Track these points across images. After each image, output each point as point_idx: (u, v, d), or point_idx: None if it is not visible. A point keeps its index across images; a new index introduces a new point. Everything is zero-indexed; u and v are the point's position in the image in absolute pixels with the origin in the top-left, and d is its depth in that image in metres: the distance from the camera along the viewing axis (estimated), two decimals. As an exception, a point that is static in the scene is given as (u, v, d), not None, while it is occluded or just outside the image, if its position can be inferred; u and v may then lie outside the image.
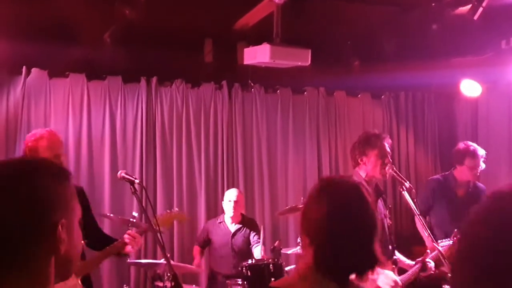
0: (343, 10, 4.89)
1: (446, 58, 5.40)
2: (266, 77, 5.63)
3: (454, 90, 5.74)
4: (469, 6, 3.92)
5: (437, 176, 4.77)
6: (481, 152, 4.39)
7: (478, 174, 4.42)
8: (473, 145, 4.47)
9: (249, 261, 4.42)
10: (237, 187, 5.51)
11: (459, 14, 4.28)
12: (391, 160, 3.49)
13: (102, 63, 5.32)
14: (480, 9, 3.77)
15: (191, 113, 5.69)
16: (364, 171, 3.41)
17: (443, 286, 3.50)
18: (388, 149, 3.47)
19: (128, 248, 3.38)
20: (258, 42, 4.54)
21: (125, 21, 4.78)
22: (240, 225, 5.01)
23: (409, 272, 3.51)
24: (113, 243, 3.41)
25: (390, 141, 3.54)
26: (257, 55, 4.51)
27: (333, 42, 5.48)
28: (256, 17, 4.86)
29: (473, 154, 4.37)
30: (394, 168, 3.50)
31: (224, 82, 5.80)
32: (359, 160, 3.41)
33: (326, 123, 6.10)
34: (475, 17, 3.82)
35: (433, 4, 4.36)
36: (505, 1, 4.09)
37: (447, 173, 4.63)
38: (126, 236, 3.37)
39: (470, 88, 5.49)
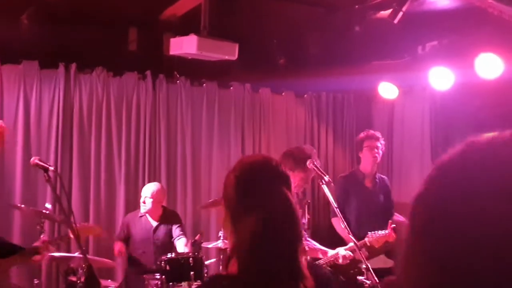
0: (271, 7, 4.94)
1: (366, 61, 5.60)
2: (192, 70, 5.57)
3: (372, 92, 5.97)
4: (390, 10, 4.09)
5: (344, 173, 4.98)
6: (379, 136, 4.62)
7: (378, 157, 4.59)
8: (371, 131, 4.72)
9: (169, 255, 4.35)
10: (159, 180, 5.40)
11: (381, 18, 4.46)
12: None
13: (18, 46, 5.04)
14: (400, 13, 3.94)
15: (112, 102, 5.51)
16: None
17: (358, 278, 3.62)
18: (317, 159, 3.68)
19: (37, 256, 3.19)
20: (185, 34, 4.48)
21: (45, 2, 4.55)
22: (162, 219, 4.90)
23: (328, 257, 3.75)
24: (19, 251, 3.17)
25: (314, 150, 3.74)
26: (184, 46, 4.46)
27: (260, 39, 5.53)
28: (183, 8, 4.80)
29: (371, 136, 4.62)
30: (314, 163, 3.59)
31: (148, 72, 5.66)
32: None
33: (251, 119, 6.14)
34: (395, 21, 3.99)
35: (356, 7, 4.51)
36: (422, 8, 4.30)
37: (353, 169, 4.86)
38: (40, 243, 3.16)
39: (387, 90, 5.73)
